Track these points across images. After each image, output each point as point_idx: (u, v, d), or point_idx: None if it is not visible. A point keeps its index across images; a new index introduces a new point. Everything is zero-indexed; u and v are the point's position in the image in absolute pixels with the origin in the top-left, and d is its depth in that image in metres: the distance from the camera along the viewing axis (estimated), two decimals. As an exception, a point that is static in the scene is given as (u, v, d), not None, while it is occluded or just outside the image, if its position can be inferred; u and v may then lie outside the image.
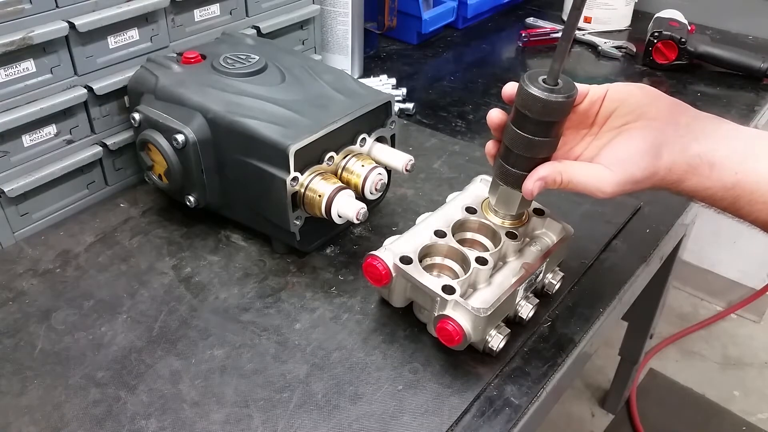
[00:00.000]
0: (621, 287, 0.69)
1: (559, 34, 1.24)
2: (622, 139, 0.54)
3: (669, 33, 1.11)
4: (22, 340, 0.61)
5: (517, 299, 0.60)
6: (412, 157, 0.69)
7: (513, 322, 0.62)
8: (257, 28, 0.87)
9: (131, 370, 0.58)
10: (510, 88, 0.54)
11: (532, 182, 0.54)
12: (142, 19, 0.74)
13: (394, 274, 0.58)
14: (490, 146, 0.58)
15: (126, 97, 0.75)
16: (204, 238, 0.73)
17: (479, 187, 0.68)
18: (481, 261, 0.59)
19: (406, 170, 0.69)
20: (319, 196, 0.64)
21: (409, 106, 0.99)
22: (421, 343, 0.61)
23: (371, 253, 0.59)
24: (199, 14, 0.81)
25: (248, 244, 0.73)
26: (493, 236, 0.63)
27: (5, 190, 0.68)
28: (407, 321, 0.63)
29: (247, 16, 0.86)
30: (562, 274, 0.66)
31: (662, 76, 1.13)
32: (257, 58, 0.74)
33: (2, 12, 0.63)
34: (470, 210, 0.64)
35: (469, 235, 0.64)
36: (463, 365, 0.59)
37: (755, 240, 1.74)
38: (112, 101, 0.75)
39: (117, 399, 0.55)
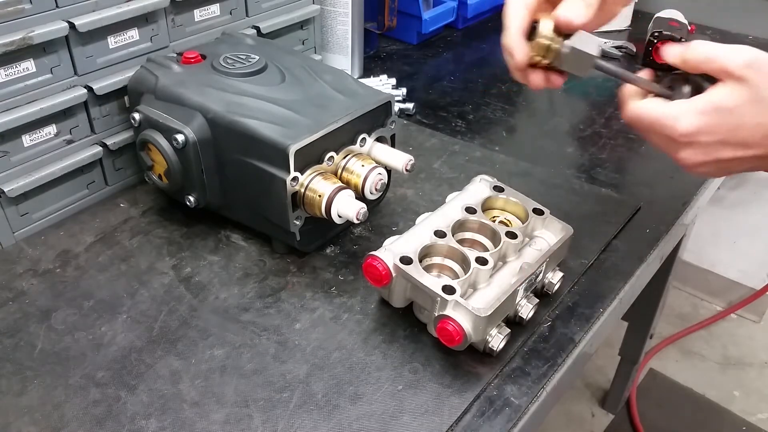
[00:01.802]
0: (621, 287, 0.69)
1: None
2: None
3: (669, 33, 1.11)
4: (22, 340, 0.61)
5: (517, 299, 0.60)
6: (412, 157, 0.69)
7: (513, 322, 0.62)
8: (257, 28, 0.87)
9: (131, 370, 0.58)
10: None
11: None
12: (142, 19, 0.74)
13: (394, 275, 0.58)
14: None
15: (126, 97, 0.75)
16: (204, 238, 0.73)
17: (479, 187, 0.68)
18: (481, 261, 0.59)
19: (406, 170, 0.69)
20: (319, 196, 0.64)
21: (409, 106, 0.99)
22: (421, 343, 0.61)
23: (371, 253, 0.59)
24: (199, 14, 0.81)
25: (248, 244, 0.73)
26: (493, 236, 0.63)
27: (5, 190, 0.68)
28: (407, 321, 0.63)
29: (247, 16, 0.86)
30: (562, 274, 0.66)
31: (662, 76, 1.13)
32: (257, 58, 0.74)
33: (2, 12, 0.63)
34: (470, 210, 0.64)
35: (469, 235, 0.64)
36: (463, 365, 0.59)
37: (755, 240, 1.75)
38: (112, 101, 0.75)
39: (117, 399, 0.55)
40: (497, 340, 0.58)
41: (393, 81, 1.06)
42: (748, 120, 0.50)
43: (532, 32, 0.56)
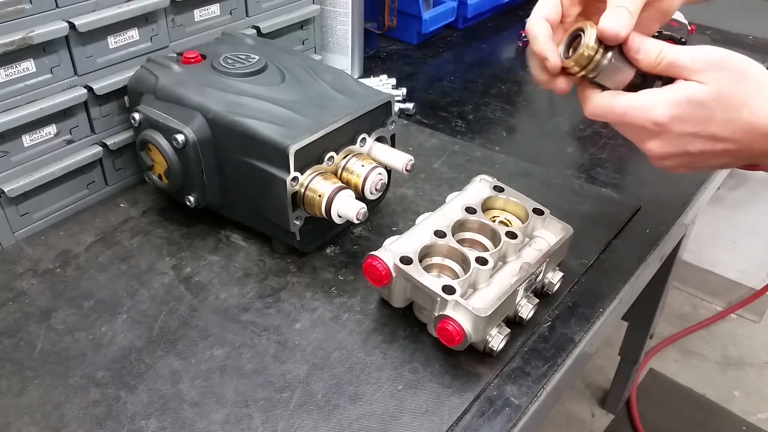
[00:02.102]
0: (621, 287, 0.69)
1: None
2: None
3: (669, 33, 1.11)
4: (22, 340, 0.61)
5: (517, 299, 0.60)
6: (412, 157, 0.69)
7: (513, 322, 0.62)
8: (257, 28, 0.87)
9: (131, 370, 0.58)
10: None
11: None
12: (142, 19, 0.74)
13: (394, 275, 0.58)
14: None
15: (126, 97, 0.75)
16: (204, 238, 0.73)
17: (479, 187, 0.68)
18: (481, 261, 0.59)
19: (406, 170, 0.69)
20: (319, 196, 0.64)
21: (409, 106, 0.99)
22: (421, 343, 0.61)
23: (371, 253, 0.59)
24: (199, 14, 0.81)
25: (248, 244, 0.73)
26: (493, 236, 0.63)
27: (5, 190, 0.68)
28: (407, 321, 0.63)
29: (247, 16, 0.86)
30: (562, 274, 0.66)
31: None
32: (257, 58, 0.74)
33: (2, 12, 0.63)
34: (470, 210, 0.64)
35: (468, 235, 0.64)
36: (463, 365, 0.59)
37: (755, 240, 1.75)
38: (112, 101, 0.75)
39: (117, 399, 0.55)
40: (497, 340, 0.58)
41: (393, 81, 1.06)
42: (718, 114, 0.50)
43: (573, 41, 0.54)
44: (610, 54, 0.53)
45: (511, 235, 0.62)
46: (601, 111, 0.55)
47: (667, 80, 0.53)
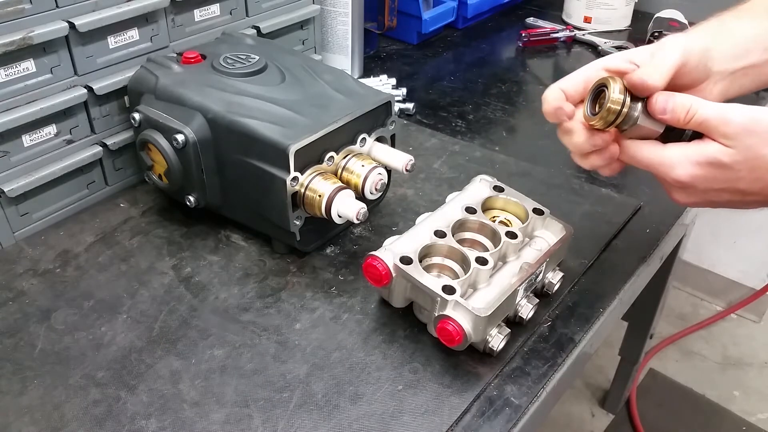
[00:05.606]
0: (621, 287, 0.69)
1: (559, 35, 1.24)
2: None
3: (669, 33, 1.11)
4: (22, 340, 0.61)
5: (517, 299, 0.60)
6: (412, 157, 0.69)
7: (513, 322, 0.62)
8: (257, 28, 0.87)
9: (131, 370, 0.58)
10: None
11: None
12: (142, 19, 0.74)
13: (394, 275, 0.58)
14: None
15: (126, 97, 0.75)
16: (204, 238, 0.73)
17: (479, 187, 0.68)
18: (481, 261, 0.59)
19: (406, 170, 0.69)
20: (319, 196, 0.64)
21: (409, 106, 0.99)
22: (421, 343, 0.61)
23: (371, 253, 0.59)
24: (199, 14, 0.81)
25: (248, 244, 0.73)
26: (493, 236, 0.63)
27: (5, 190, 0.68)
28: (407, 321, 0.63)
29: (247, 16, 0.86)
30: (562, 274, 0.66)
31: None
32: (257, 58, 0.74)
33: (2, 12, 0.63)
34: (470, 210, 0.64)
35: (468, 235, 0.64)
36: (463, 365, 0.59)
37: (755, 240, 1.75)
38: (112, 101, 0.75)
39: (117, 399, 0.55)
40: (497, 340, 0.58)
41: (393, 81, 1.06)
42: (745, 174, 0.50)
43: (598, 97, 0.53)
44: (639, 107, 0.51)
45: (511, 235, 0.62)
46: (626, 159, 0.55)
47: (697, 132, 0.52)
